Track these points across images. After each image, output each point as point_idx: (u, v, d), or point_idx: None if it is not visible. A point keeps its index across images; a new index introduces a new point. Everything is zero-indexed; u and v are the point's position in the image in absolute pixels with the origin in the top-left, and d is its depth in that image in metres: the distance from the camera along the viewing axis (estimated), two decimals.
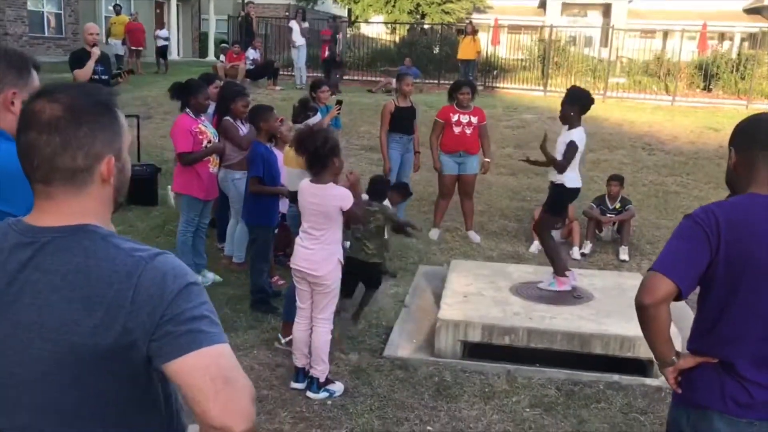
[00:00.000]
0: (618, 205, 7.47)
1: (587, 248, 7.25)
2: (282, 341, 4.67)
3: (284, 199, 5.40)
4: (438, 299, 5.23)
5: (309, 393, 4.10)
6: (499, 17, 25.26)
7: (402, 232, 5.52)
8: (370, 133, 11.59)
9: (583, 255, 7.17)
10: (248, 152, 5.47)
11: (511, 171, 10.37)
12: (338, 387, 4.15)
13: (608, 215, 7.45)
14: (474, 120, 7.16)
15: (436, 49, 22.07)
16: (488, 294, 5.21)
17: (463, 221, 7.62)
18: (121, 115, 1.42)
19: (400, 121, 7.21)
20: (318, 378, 4.09)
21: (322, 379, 4.10)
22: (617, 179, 7.57)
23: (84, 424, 1.32)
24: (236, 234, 6.12)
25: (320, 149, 3.93)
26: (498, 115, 13.82)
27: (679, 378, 2.15)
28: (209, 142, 5.60)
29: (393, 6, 27.67)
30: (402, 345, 4.81)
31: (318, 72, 17.56)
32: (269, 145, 5.48)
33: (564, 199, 5.53)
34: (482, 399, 4.13)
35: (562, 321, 4.73)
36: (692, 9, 29.28)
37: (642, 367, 4.47)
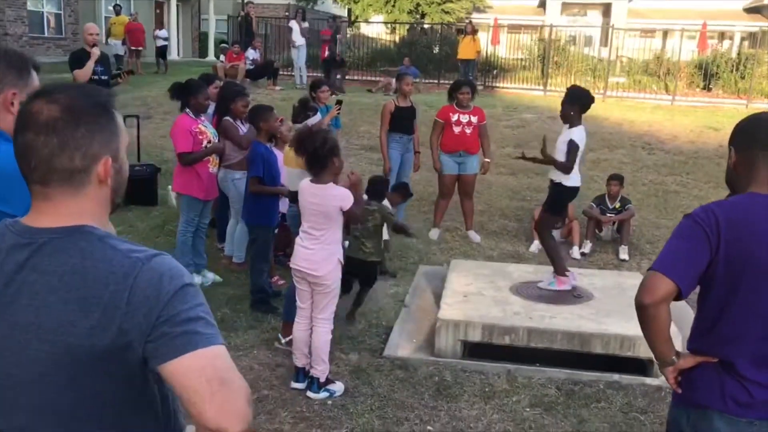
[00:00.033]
0: (618, 205, 7.47)
1: (587, 248, 7.25)
2: (282, 341, 4.67)
3: (284, 199, 5.40)
4: (438, 299, 5.23)
5: (309, 393, 4.10)
6: (499, 17, 25.23)
7: (402, 232, 5.54)
8: (370, 133, 11.59)
9: (583, 254, 7.17)
10: (248, 152, 5.47)
11: (511, 171, 10.37)
12: (338, 387, 4.16)
13: (608, 215, 7.45)
14: (474, 120, 7.16)
15: (436, 49, 22.08)
16: (488, 294, 5.21)
17: (463, 221, 7.62)
18: (119, 116, 1.41)
19: (400, 121, 7.21)
20: (318, 378, 4.10)
21: (323, 379, 4.10)
22: (617, 179, 7.57)
23: (80, 425, 1.32)
24: (236, 234, 6.12)
25: (319, 150, 3.94)
26: (498, 115, 13.81)
27: (679, 378, 2.15)
28: (209, 142, 5.60)
29: (393, 6, 27.66)
30: (402, 345, 4.81)
31: (318, 72, 17.56)
32: (269, 145, 5.48)
33: (564, 198, 5.52)
34: (482, 399, 4.13)
35: (562, 320, 4.72)
36: (692, 8, 29.23)
37: (642, 367, 4.47)
